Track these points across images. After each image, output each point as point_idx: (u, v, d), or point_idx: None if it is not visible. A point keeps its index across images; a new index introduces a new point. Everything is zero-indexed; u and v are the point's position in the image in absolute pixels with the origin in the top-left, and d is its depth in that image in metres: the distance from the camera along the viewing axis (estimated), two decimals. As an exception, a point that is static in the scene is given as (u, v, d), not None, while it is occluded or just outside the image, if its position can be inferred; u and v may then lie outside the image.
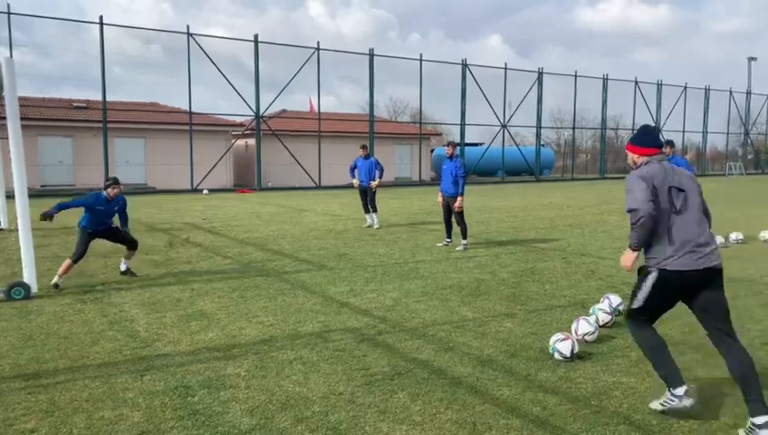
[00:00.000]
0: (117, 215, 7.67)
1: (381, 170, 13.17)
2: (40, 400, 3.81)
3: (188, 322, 5.63)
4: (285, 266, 8.50)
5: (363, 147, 13.53)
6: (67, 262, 7.18)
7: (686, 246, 3.49)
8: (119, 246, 7.93)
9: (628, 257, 3.64)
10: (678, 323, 5.59)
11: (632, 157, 3.85)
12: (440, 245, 10.45)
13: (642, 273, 3.66)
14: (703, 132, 49.74)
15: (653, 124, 44.09)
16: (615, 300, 5.76)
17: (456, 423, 3.48)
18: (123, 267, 7.78)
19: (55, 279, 7.04)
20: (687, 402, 3.47)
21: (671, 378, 3.55)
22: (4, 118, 6.83)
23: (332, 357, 4.61)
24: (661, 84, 45.33)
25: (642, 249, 3.62)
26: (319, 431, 3.38)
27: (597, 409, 3.67)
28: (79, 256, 7.27)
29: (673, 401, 3.50)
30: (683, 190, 3.59)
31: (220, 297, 6.62)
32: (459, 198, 9.93)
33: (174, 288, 7.06)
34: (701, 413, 3.61)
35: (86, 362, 4.52)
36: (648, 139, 3.80)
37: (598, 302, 5.75)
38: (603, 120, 43.52)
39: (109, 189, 7.45)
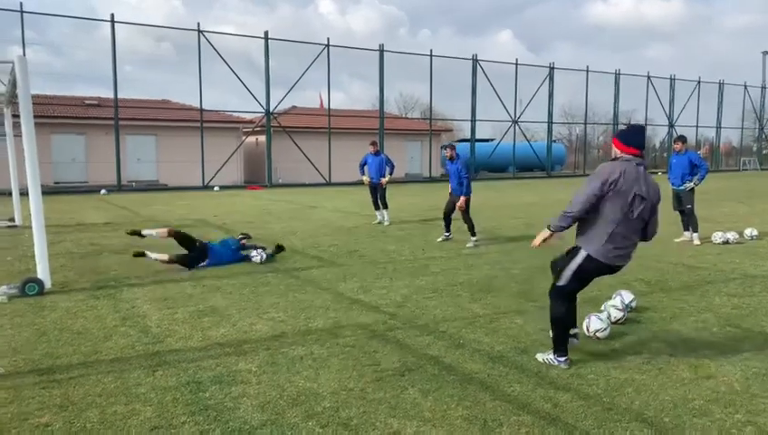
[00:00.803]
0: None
1: (392, 167, 13.16)
2: (54, 394, 3.85)
3: (200, 318, 5.66)
4: (296, 263, 8.52)
5: (373, 143, 13.52)
6: (165, 256, 7.87)
7: (617, 246, 4.06)
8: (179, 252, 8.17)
9: (542, 235, 4.37)
10: (692, 319, 5.55)
11: (615, 151, 4.21)
12: (439, 239, 10.45)
13: (571, 253, 4.26)
14: (717, 127, 49.22)
15: (671, 122, 43.72)
16: (627, 296, 5.73)
17: (466, 419, 3.47)
18: (151, 255, 7.92)
19: (156, 255, 7.80)
20: (566, 365, 4.23)
21: (563, 349, 4.27)
22: (18, 116, 6.89)
23: (343, 353, 4.61)
24: (674, 79, 44.89)
25: (576, 233, 4.23)
26: (330, 427, 3.39)
27: (608, 406, 3.65)
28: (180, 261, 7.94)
29: (555, 362, 4.27)
30: (645, 199, 4.00)
31: (231, 293, 6.65)
32: (462, 198, 9.91)
33: (185, 284, 7.11)
34: (713, 411, 3.58)
35: (99, 358, 4.56)
36: (633, 138, 4.11)
37: (609, 298, 5.71)
38: (615, 115, 43.19)
39: (244, 241, 8.69)
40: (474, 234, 9.98)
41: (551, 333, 4.41)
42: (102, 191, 24.77)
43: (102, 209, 17.07)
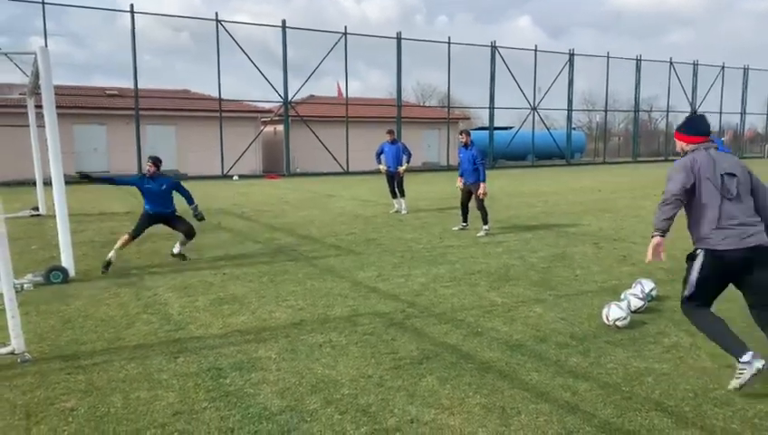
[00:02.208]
0: (181, 196, 7.90)
1: (409, 155, 13.12)
2: (79, 380, 3.94)
3: (220, 305, 5.73)
4: (314, 251, 8.57)
5: (390, 132, 13.49)
6: (125, 237, 7.50)
7: (733, 227, 3.67)
8: (177, 233, 7.99)
9: (652, 243, 3.81)
10: (713, 308, 5.48)
11: (681, 145, 4.02)
12: (456, 228, 10.42)
13: (690, 258, 3.85)
14: (741, 113, 48.22)
15: (693, 109, 42.98)
16: (648, 285, 5.67)
17: (484, 407, 3.48)
18: (176, 250, 7.95)
19: (111, 254, 7.31)
20: (759, 364, 3.51)
21: (735, 347, 3.65)
22: (41, 106, 6.99)
23: (361, 341, 4.64)
24: (697, 65, 43.99)
25: (691, 236, 3.86)
26: (348, 413, 3.42)
27: (628, 395, 3.63)
28: (136, 233, 7.59)
29: (744, 369, 3.56)
30: (734, 175, 3.75)
31: (251, 281, 6.71)
32: (482, 185, 9.86)
33: (206, 272, 7.19)
34: (735, 401, 3.54)
35: (122, 344, 4.64)
36: (695, 127, 3.96)
37: (629, 287, 5.66)
38: (636, 102, 42.50)
39: (147, 166, 7.78)
40: (486, 222, 9.93)
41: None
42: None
43: (123, 199, 17.29)
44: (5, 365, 4.18)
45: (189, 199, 7.99)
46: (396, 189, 13.10)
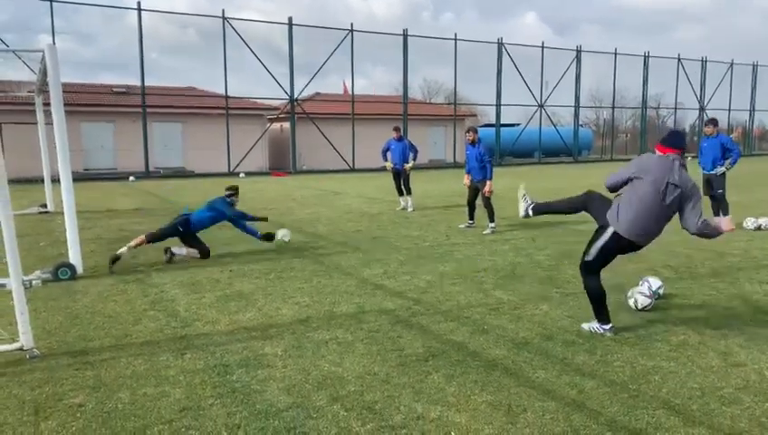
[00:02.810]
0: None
1: (416, 152, 13.11)
2: (87, 376, 3.96)
3: (227, 302, 5.75)
4: (321, 249, 8.58)
5: (396, 129, 13.47)
6: (142, 238, 7.60)
7: (640, 227, 4.45)
8: (192, 250, 7.89)
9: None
10: (721, 306, 5.45)
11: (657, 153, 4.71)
12: (462, 226, 10.41)
13: (599, 231, 4.64)
14: (750, 110, 47.88)
15: (701, 105, 42.65)
16: (655, 283, 5.65)
17: (490, 405, 3.47)
18: (175, 250, 7.68)
19: (123, 250, 7.33)
20: (611, 333, 4.65)
21: (605, 317, 4.68)
22: (49, 104, 7.02)
23: (367, 338, 4.65)
24: (706, 61, 43.71)
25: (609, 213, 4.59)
26: (354, 410, 3.42)
27: (635, 393, 3.62)
28: (156, 238, 7.68)
29: (600, 330, 4.67)
30: (678, 187, 4.38)
31: (257, 278, 6.73)
32: (488, 183, 9.84)
33: (212, 269, 7.21)
34: (743, 399, 3.52)
35: (129, 341, 4.66)
36: (671, 140, 4.60)
37: (636, 285, 5.64)
38: (644, 99, 42.29)
39: (233, 197, 8.41)
40: (492, 220, 9.91)
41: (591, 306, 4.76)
42: (131, 178, 25.19)
43: (131, 196, 17.36)
44: (14, 361, 4.21)
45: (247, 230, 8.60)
46: (402, 187, 13.08)
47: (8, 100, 17.19)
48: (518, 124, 40.62)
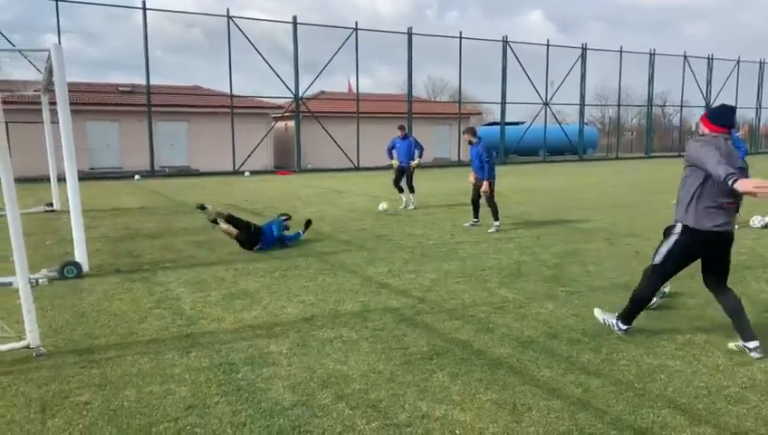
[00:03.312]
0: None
1: (421, 149, 13.13)
2: (93, 374, 3.98)
3: (232, 300, 5.76)
4: (325, 247, 8.59)
5: (401, 127, 13.47)
6: (228, 213, 8.50)
7: (718, 209, 4.09)
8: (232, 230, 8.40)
9: (751, 183, 3.68)
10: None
11: (703, 129, 4.30)
12: (467, 224, 10.40)
13: (667, 231, 4.32)
14: (756, 108, 47.62)
15: (707, 103, 42.47)
16: (660, 282, 5.61)
17: (495, 403, 3.47)
18: (222, 225, 8.30)
19: (210, 207, 8.43)
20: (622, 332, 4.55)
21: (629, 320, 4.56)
22: (55, 103, 7.05)
23: (372, 336, 4.65)
24: (712, 59, 43.50)
25: (676, 205, 4.26)
26: (359, 408, 3.43)
27: (640, 391, 3.61)
28: (233, 221, 8.39)
29: (615, 327, 4.57)
30: (742, 169, 4.01)
31: (262, 277, 6.74)
32: (485, 183, 9.81)
33: (217, 268, 7.23)
34: (749, 398, 3.51)
35: (135, 339, 4.68)
36: (723, 117, 4.22)
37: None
38: (649, 97, 42.10)
39: (287, 222, 8.92)
40: (497, 219, 9.89)
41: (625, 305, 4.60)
42: (136, 177, 25.29)
43: (136, 195, 17.42)
44: (21, 359, 4.23)
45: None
46: (405, 184, 13.08)
47: (15, 99, 17.26)
48: (523, 122, 40.56)
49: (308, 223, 9.33)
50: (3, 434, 3.20)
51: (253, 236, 8.40)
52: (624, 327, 4.58)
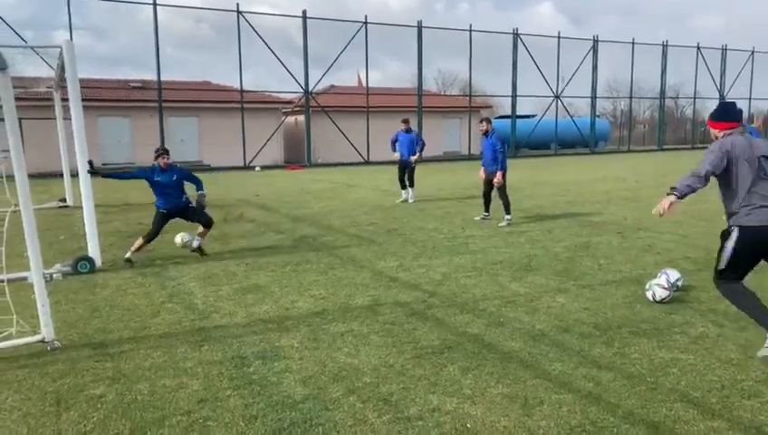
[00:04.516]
0: (189, 183, 7.62)
1: (423, 145, 13.14)
2: (107, 367, 4.02)
3: (243, 295, 5.79)
4: (335, 241, 8.60)
5: (405, 120, 13.46)
6: (139, 241, 7.38)
7: (764, 205, 3.94)
8: (195, 224, 7.76)
9: (668, 199, 4.01)
10: None
11: (714, 132, 4.23)
12: (477, 218, 10.37)
13: (724, 235, 4.11)
14: (771, 99, 46.98)
15: (721, 95, 42.00)
16: (673, 275, 5.58)
17: (506, 397, 3.47)
18: (195, 244, 7.62)
19: (128, 254, 7.29)
20: None
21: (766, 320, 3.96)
22: (67, 99, 7.10)
23: (383, 330, 4.66)
24: (726, 50, 42.94)
25: (725, 213, 4.15)
26: (370, 402, 3.44)
27: (653, 385, 3.59)
28: (152, 235, 7.43)
29: None
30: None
31: (273, 271, 6.77)
32: (498, 173, 9.77)
33: (229, 262, 7.27)
34: (764, 392, 3.48)
35: (148, 333, 4.72)
36: (727, 113, 4.19)
37: (655, 277, 5.58)
38: (662, 89, 41.65)
39: (160, 159, 7.43)
40: (508, 212, 9.85)
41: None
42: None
43: (148, 190, 17.51)
44: (36, 353, 4.29)
45: (199, 186, 7.67)
46: (406, 178, 13.09)
47: (28, 96, 17.42)
48: (534, 115, 40.28)
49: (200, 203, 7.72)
50: (19, 427, 3.24)
51: (156, 224, 7.51)
52: None
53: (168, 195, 7.52)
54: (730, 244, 4.05)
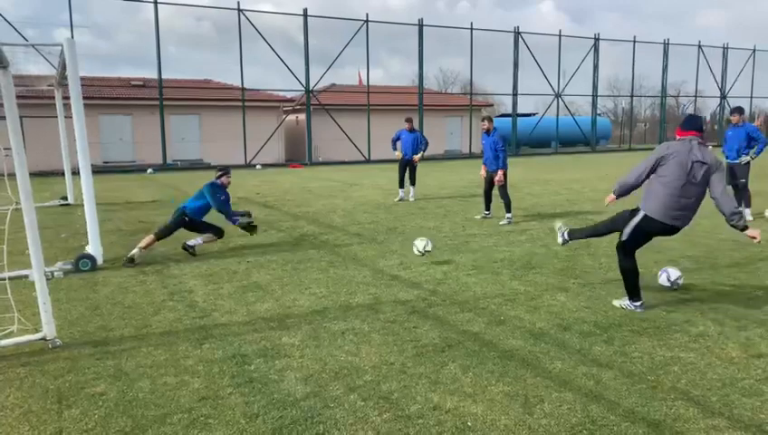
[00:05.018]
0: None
1: (426, 144, 13.14)
2: (108, 365, 4.03)
3: (244, 293, 5.80)
4: (336, 240, 8.61)
5: (408, 119, 13.45)
6: (151, 237, 7.42)
7: (673, 209, 4.73)
8: (207, 236, 7.82)
9: (610, 198, 5.27)
10: (742, 297, 5.37)
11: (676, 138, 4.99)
12: (478, 217, 10.37)
13: (632, 212, 5.01)
14: (773, 97, 46.90)
15: (723, 93, 41.90)
16: (674, 274, 5.59)
17: (507, 395, 3.47)
18: (191, 242, 7.61)
19: (134, 251, 7.21)
20: (641, 309, 4.96)
21: (636, 295, 5.00)
22: (68, 98, 7.10)
23: (384, 328, 4.66)
24: (727, 48, 42.89)
25: (643, 199, 4.96)
26: (371, 400, 3.44)
27: (653, 384, 3.60)
28: (165, 234, 7.53)
29: (631, 307, 4.99)
30: (704, 163, 4.67)
31: (274, 269, 6.78)
32: (499, 172, 9.78)
33: (230, 261, 7.27)
34: (764, 391, 3.48)
35: (149, 331, 4.73)
36: (689, 124, 4.91)
37: (655, 275, 5.58)
38: (663, 87, 41.63)
39: (224, 178, 7.93)
40: (509, 210, 9.85)
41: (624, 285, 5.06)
42: (149, 170, 25.44)
43: (149, 188, 17.54)
44: (38, 351, 4.30)
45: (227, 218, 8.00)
46: (408, 177, 13.09)
47: (29, 94, 17.43)
48: (535, 114, 40.29)
49: (252, 228, 8.11)
50: (21, 424, 3.25)
51: (174, 226, 7.63)
52: (637, 303, 5.04)
53: (204, 213, 7.82)
54: (634, 222, 4.97)
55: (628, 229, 4.96)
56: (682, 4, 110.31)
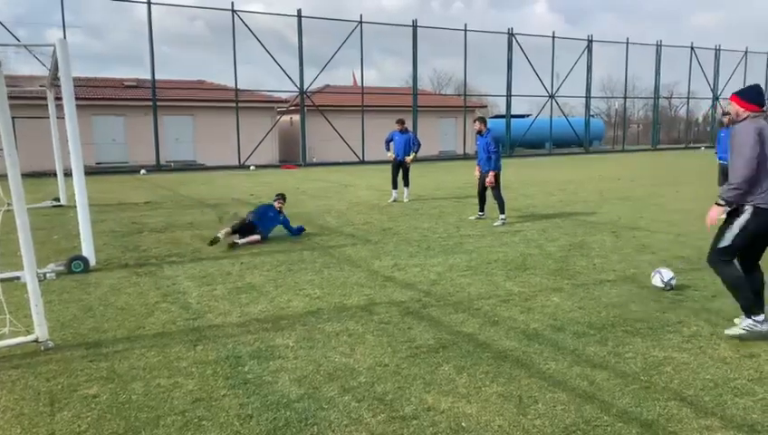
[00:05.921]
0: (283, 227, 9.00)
1: (418, 146, 13.19)
2: (101, 367, 4.01)
3: (238, 294, 5.78)
4: (331, 241, 8.60)
5: (400, 121, 13.47)
6: (228, 229, 8.36)
7: None
8: (253, 237, 8.47)
9: (716, 211, 4.27)
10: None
11: (737, 109, 4.28)
12: (472, 218, 10.39)
13: (734, 213, 4.21)
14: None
15: (715, 95, 42.16)
16: (667, 274, 5.61)
17: (501, 396, 3.48)
18: (242, 241, 8.26)
19: (219, 234, 8.14)
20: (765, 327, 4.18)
21: (752, 306, 4.19)
22: (61, 98, 7.06)
23: (378, 329, 4.66)
24: (719, 50, 43.14)
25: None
26: (365, 401, 3.44)
27: (647, 384, 3.61)
28: (238, 231, 8.43)
29: (755, 326, 4.19)
30: None
31: (268, 271, 6.76)
32: (490, 174, 9.80)
33: (224, 262, 7.25)
34: (756, 391, 3.50)
35: (142, 333, 4.71)
36: (757, 95, 4.25)
37: (648, 276, 5.61)
38: (656, 88, 41.81)
39: (276, 202, 9.12)
40: (503, 211, 9.87)
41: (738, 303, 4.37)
42: (142, 171, 25.36)
43: (142, 189, 17.47)
44: (30, 353, 4.27)
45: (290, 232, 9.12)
46: (401, 178, 13.12)
47: (21, 94, 17.33)
48: (529, 115, 40.37)
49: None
50: (13, 427, 3.23)
51: (245, 229, 8.53)
52: (759, 319, 4.24)
53: (268, 221, 8.82)
54: (742, 221, 4.16)
55: (731, 233, 4.20)
56: (675, 6, 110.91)
